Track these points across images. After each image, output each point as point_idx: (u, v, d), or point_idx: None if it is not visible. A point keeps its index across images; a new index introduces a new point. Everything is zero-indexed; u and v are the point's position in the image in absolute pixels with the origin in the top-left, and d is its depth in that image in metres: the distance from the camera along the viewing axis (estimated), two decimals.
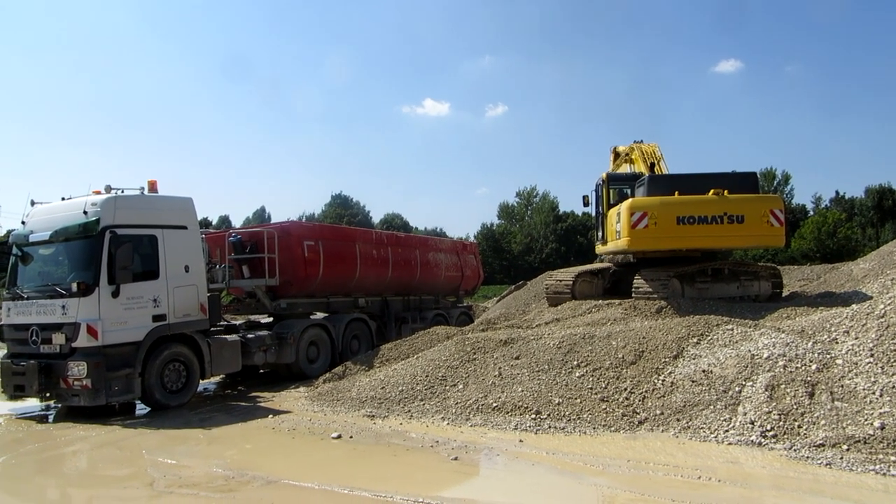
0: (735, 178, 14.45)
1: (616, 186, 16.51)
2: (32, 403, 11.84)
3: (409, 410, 9.85)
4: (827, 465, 6.75)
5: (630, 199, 14.20)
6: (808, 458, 6.95)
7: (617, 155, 19.73)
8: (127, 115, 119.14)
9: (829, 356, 8.54)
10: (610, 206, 15.92)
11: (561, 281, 16.32)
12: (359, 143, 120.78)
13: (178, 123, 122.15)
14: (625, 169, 18.28)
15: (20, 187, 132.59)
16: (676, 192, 13.88)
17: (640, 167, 17.00)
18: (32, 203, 11.95)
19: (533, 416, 9.00)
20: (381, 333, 16.21)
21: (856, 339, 8.76)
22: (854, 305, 10.14)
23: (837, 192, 72.81)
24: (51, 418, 11.14)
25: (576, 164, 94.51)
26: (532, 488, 6.81)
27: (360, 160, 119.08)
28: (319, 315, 15.19)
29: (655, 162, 16.90)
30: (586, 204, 17.23)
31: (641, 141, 18.09)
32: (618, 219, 14.43)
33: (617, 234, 14.55)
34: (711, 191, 13.69)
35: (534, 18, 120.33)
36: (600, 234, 16.43)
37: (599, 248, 16.95)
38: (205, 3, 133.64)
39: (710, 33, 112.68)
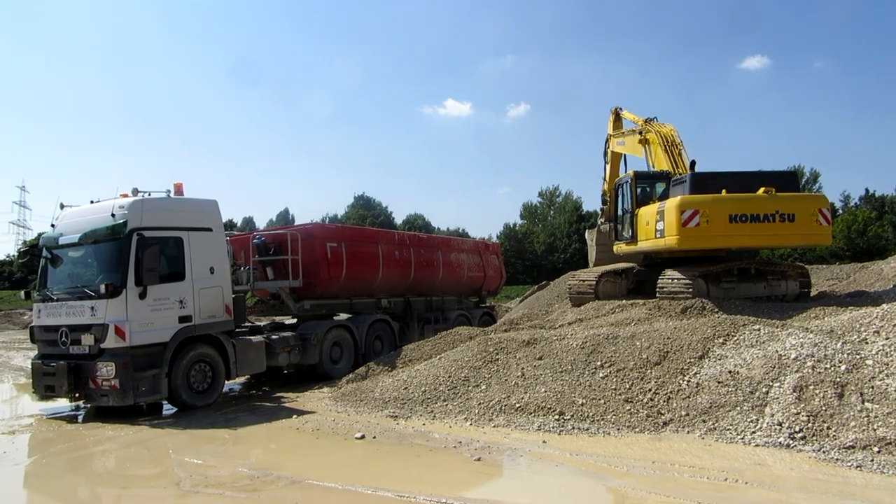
0: (777, 176, 14.28)
1: (642, 185, 16.06)
2: (63, 404, 12.04)
3: (432, 411, 9.85)
4: (857, 467, 6.63)
5: (679, 197, 13.63)
6: (837, 460, 6.84)
7: (618, 117, 19.36)
8: (153, 118, 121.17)
9: (858, 357, 8.38)
10: (639, 205, 15.54)
11: (584, 281, 16.20)
12: (381, 144, 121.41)
13: (203, 126, 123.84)
14: (632, 142, 17.70)
15: (50, 191, 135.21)
16: (724, 190, 13.56)
17: (658, 152, 16.31)
18: (62, 206, 12.17)
19: (556, 416, 8.96)
20: (404, 334, 16.24)
21: (886, 339, 8.59)
22: (885, 305, 9.94)
23: (867, 190, 71.51)
24: (80, 418, 11.33)
25: (599, 164, 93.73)
26: (555, 489, 6.77)
27: (382, 161, 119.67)
28: (343, 316, 15.26)
29: (676, 148, 16.14)
30: (605, 203, 17.12)
31: (655, 118, 17.38)
32: (659, 216, 14.03)
33: (657, 232, 14.16)
34: (761, 189, 13.51)
35: (555, 17, 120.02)
36: (628, 233, 15.93)
37: (623, 248, 16.50)
38: (228, 4, 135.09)
39: (735, 29, 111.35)
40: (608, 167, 19.62)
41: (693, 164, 15.07)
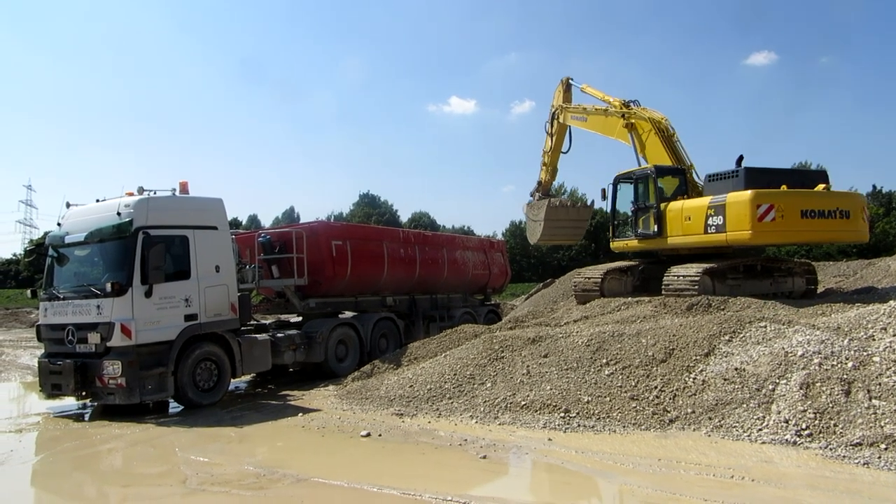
0: (815, 174, 14.50)
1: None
2: (69, 402, 12.08)
3: (438, 409, 9.85)
4: (864, 464, 6.60)
5: (753, 190, 13.43)
6: (844, 457, 6.81)
7: (568, 88, 18.93)
8: (159, 117, 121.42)
9: (865, 353, 8.34)
10: (663, 200, 15.17)
11: (590, 278, 16.16)
12: (386, 141, 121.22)
13: (208, 125, 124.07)
14: (604, 122, 17.14)
15: (57, 190, 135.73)
16: (784, 186, 13.56)
17: (655, 141, 15.81)
18: (68, 205, 12.21)
19: (562, 414, 8.94)
20: (409, 332, 16.23)
21: (894, 336, 8.56)
22: (892, 301, 9.89)
23: (875, 187, 70.97)
24: (87, 417, 11.36)
25: (604, 161, 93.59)
26: (561, 487, 6.77)
27: (387, 159, 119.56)
28: (348, 314, 15.28)
29: (673, 138, 15.86)
30: (605, 197, 16.59)
31: (636, 102, 16.65)
32: (714, 211, 13.79)
33: (709, 227, 13.88)
34: (820, 185, 13.63)
35: (560, 13, 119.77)
36: (650, 228, 15.39)
37: (633, 244, 16.08)
38: (234, 4, 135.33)
39: (741, 25, 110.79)
40: (552, 140, 19.39)
41: (741, 158, 14.80)
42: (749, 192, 13.39)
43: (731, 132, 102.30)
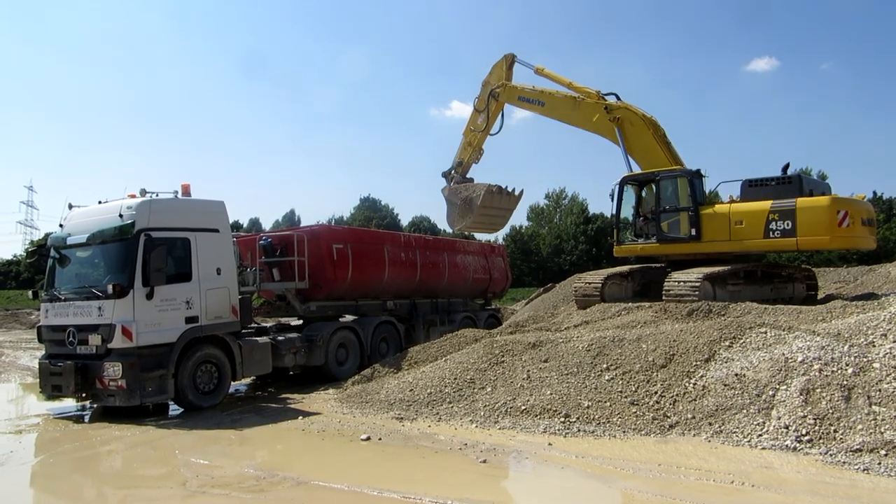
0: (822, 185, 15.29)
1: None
2: (69, 404, 12.10)
3: (438, 413, 9.86)
4: (864, 470, 6.60)
5: (831, 196, 13.89)
6: (844, 463, 6.81)
7: (510, 66, 17.79)
8: (161, 119, 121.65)
9: (865, 359, 8.34)
10: (700, 203, 14.87)
11: (590, 283, 16.11)
12: (387, 145, 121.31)
13: (210, 127, 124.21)
14: (569, 109, 16.51)
15: (58, 191, 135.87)
16: (823, 194, 14.07)
17: (650, 142, 15.47)
18: (70, 206, 12.23)
19: (562, 419, 8.95)
20: (410, 336, 16.25)
21: (894, 342, 8.54)
22: (892, 308, 9.89)
23: (875, 193, 70.97)
24: (87, 418, 11.37)
25: (605, 165, 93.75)
26: (561, 492, 6.77)
27: (388, 163, 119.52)
28: (348, 318, 15.29)
29: (665, 139, 15.60)
30: (613, 198, 15.91)
31: (615, 95, 15.96)
32: (777, 216, 13.82)
33: (771, 231, 13.89)
34: (862, 195, 14.47)
35: (559, 17, 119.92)
36: (684, 231, 15.06)
37: (678, 248, 15.22)
38: (236, 5, 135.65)
39: (742, 30, 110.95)
40: (486, 119, 18.10)
41: (787, 166, 14.94)
42: (826, 199, 13.76)
43: (731, 137, 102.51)
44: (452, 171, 19.03)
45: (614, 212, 16.25)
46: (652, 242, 15.52)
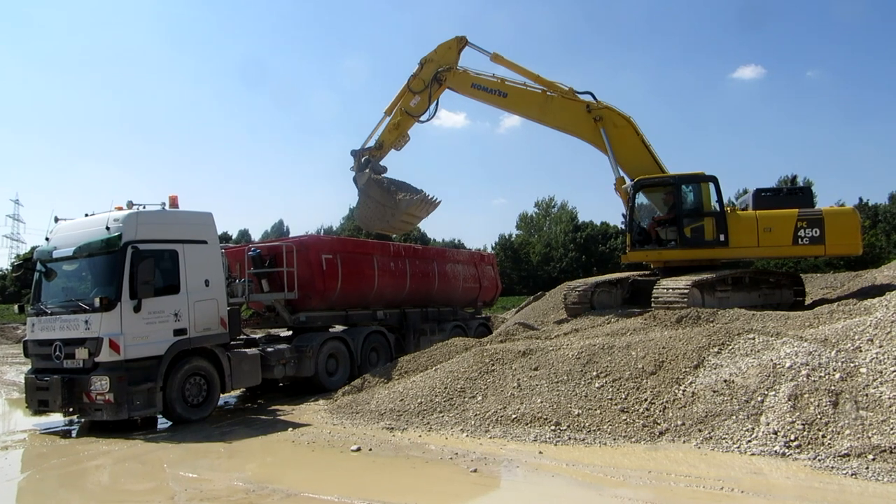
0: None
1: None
2: (56, 418, 11.97)
3: (428, 423, 9.83)
4: (852, 475, 6.64)
5: (852, 207, 15.31)
6: (832, 468, 6.85)
7: (462, 49, 16.16)
8: (148, 131, 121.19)
9: (853, 365, 8.41)
10: (724, 208, 14.89)
11: (579, 291, 16.18)
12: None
13: (198, 138, 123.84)
14: (535, 105, 15.96)
15: (45, 204, 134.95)
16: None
17: (635, 144, 15.43)
18: (56, 219, 12.16)
19: (552, 427, 8.95)
20: (400, 345, 16.22)
21: (880, 347, 8.63)
22: (878, 313, 9.98)
23: (861, 199, 71.57)
24: (74, 433, 11.26)
25: (594, 174, 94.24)
26: (552, 500, 6.76)
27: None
28: (338, 328, 15.25)
29: (643, 139, 15.56)
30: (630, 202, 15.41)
31: (591, 94, 15.49)
32: (806, 223, 14.39)
33: (801, 238, 14.40)
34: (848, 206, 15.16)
35: (550, 26, 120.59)
36: (719, 236, 14.73)
37: (716, 254, 15.04)
38: (223, 18, 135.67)
39: (730, 38, 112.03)
40: (426, 102, 16.53)
41: (794, 178, 16.04)
42: (851, 208, 15.01)
43: (718, 145, 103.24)
44: (368, 153, 17.08)
45: (626, 217, 15.69)
46: (670, 248, 15.26)
